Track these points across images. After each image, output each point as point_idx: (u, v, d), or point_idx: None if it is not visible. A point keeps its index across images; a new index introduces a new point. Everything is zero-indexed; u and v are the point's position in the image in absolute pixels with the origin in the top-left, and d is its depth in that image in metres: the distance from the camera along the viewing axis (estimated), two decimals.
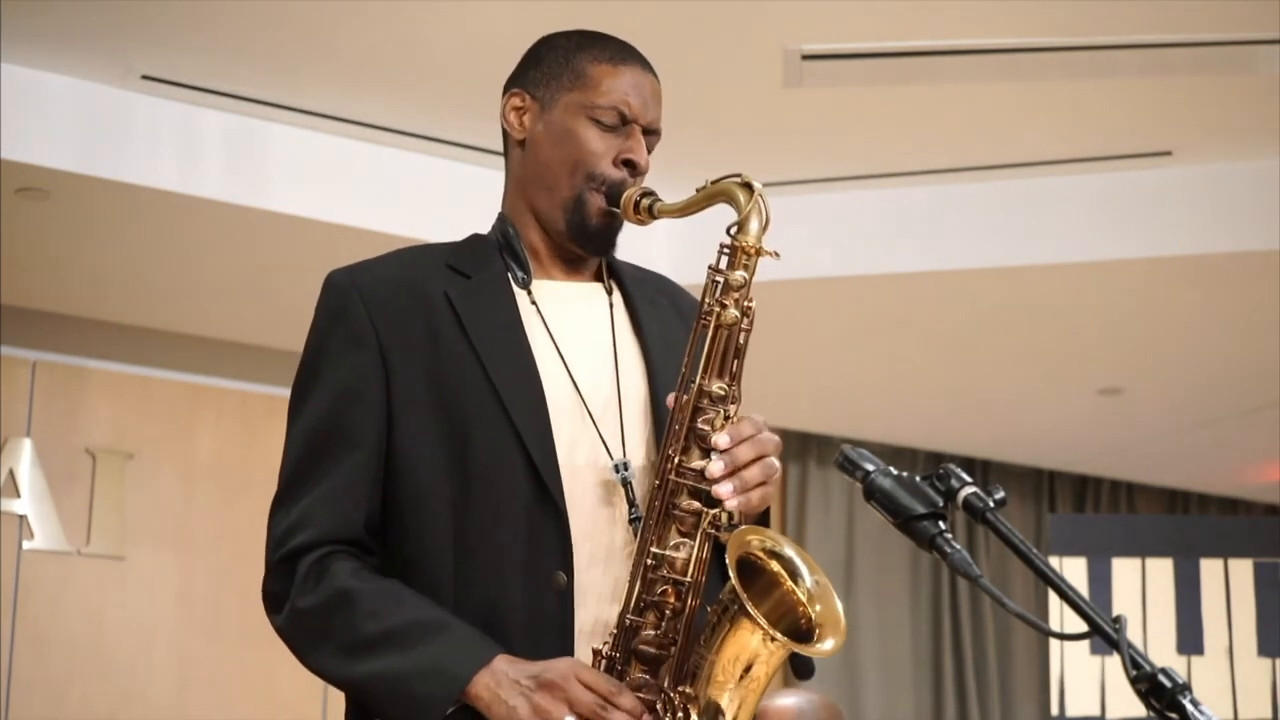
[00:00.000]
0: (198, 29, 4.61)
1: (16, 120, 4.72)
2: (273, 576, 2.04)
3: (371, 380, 2.04)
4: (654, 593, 1.95)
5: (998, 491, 1.86)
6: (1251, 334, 6.00)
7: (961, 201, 5.61)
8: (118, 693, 5.78)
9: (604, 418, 2.07)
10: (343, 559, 2.01)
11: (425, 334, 2.05)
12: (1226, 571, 4.54)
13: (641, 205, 2.08)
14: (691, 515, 1.96)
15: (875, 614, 7.54)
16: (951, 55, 4.73)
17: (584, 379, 2.08)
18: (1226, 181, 5.41)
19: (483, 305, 2.08)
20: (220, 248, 5.41)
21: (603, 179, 2.10)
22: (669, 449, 1.98)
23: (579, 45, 2.18)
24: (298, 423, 2.09)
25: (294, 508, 2.04)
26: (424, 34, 4.67)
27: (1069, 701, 4.45)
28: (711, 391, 1.98)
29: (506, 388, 2.02)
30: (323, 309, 2.11)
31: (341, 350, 2.06)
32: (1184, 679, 1.69)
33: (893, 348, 6.31)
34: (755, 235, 2.00)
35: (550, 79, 2.16)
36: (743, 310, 2.00)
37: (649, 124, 2.15)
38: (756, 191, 2.01)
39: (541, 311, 2.11)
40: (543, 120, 2.14)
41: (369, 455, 2.03)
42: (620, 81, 2.13)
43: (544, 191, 2.13)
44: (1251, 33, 4.62)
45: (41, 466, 5.81)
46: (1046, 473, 8.03)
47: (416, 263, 2.15)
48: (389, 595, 1.98)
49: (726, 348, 1.99)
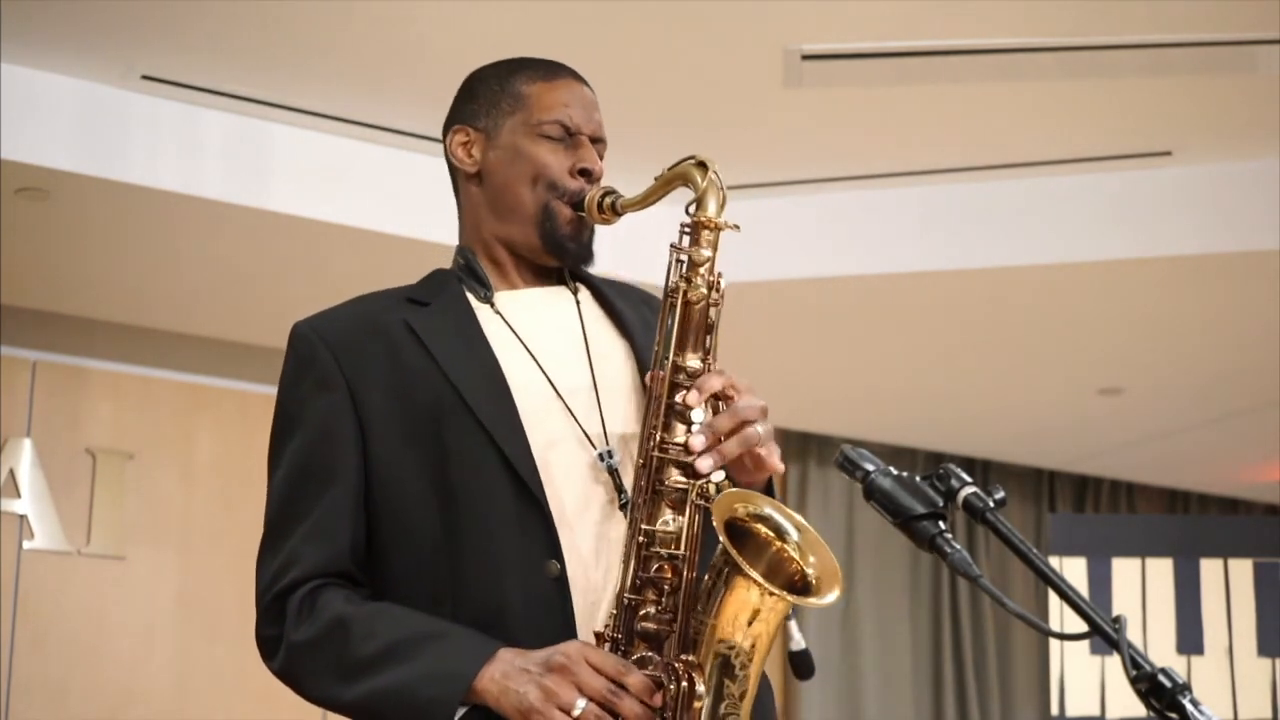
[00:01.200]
0: (198, 29, 4.61)
1: (16, 120, 4.72)
2: (265, 620, 2.06)
3: (342, 418, 2.06)
4: (650, 570, 1.95)
5: (998, 491, 1.86)
6: (1251, 334, 6.00)
7: (961, 201, 5.61)
8: (118, 693, 5.78)
9: (581, 406, 2.08)
10: (332, 590, 2.02)
11: (388, 362, 2.08)
12: (1226, 571, 4.54)
13: (605, 204, 2.10)
14: (679, 489, 1.97)
15: (875, 614, 7.54)
16: (951, 55, 4.73)
17: (556, 370, 2.09)
18: (1226, 181, 5.41)
19: (442, 323, 2.11)
20: (220, 248, 5.40)
21: (563, 189, 2.13)
22: (649, 426, 1.99)
23: (510, 70, 2.22)
24: (277, 472, 2.10)
25: (280, 552, 2.05)
26: (424, 34, 4.67)
27: (1069, 701, 4.45)
28: (687, 366, 1.99)
29: (470, 389, 2.04)
30: (290, 360, 2.15)
31: (312, 396, 2.09)
32: (1184, 679, 1.69)
33: (893, 348, 6.32)
34: (714, 210, 2.01)
35: (490, 108, 2.20)
36: (710, 285, 2.00)
37: (593, 133, 2.18)
38: (711, 169, 2.02)
39: (505, 317, 2.13)
40: (492, 148, 2.19)
41: (348, 488, 2.05)
42: (557, 95, 2.17)
43: (509, 214, 2.16)
44: (1251, 33, 4.62)
45: (41, 466, 5.81)
46: (1046, 473, 8.03)
47: (376, 302, 2.17)
48: (383, 614, 1.99)
49: (698, 323, 2.00)
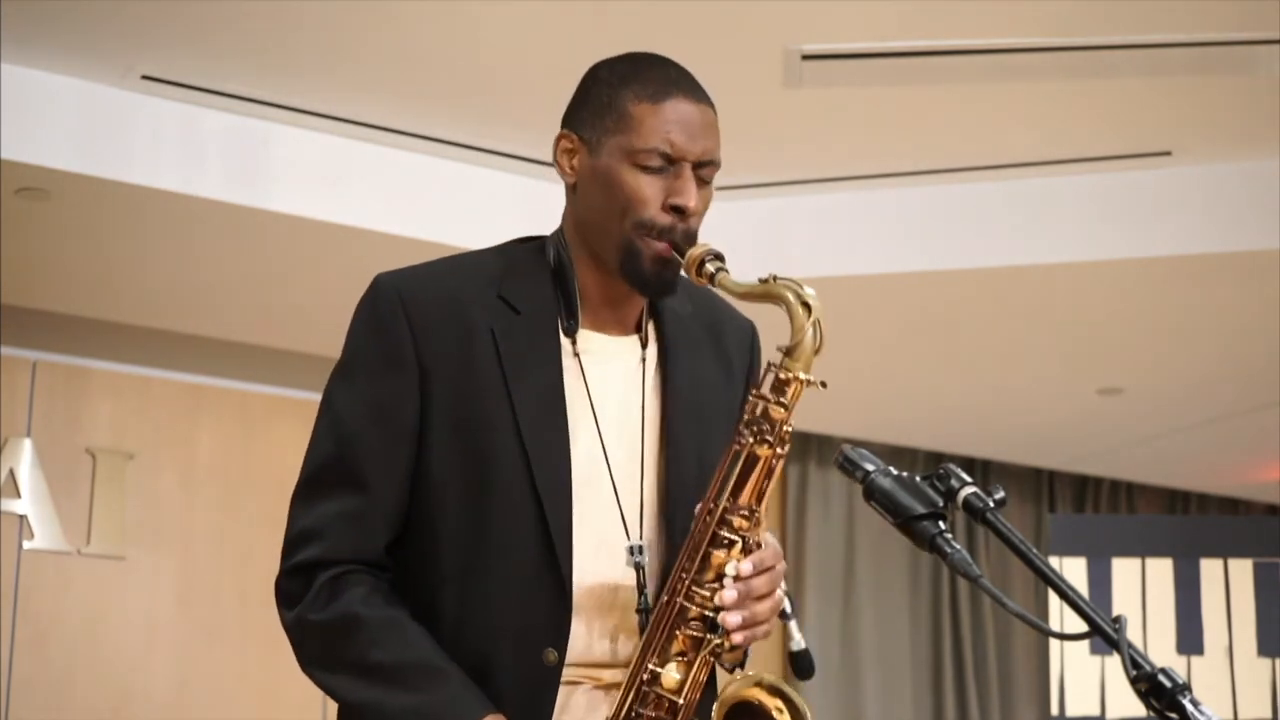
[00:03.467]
0: (198, 29, 4.61)
1: (16, 120, 4.72)
2: (288, 578, 2.04)
3: (405, 406, 2.02)
4: (645, 705, 1.94)
5: (998, 491, 1.86)
6: (1251, 334, 6.00)
7: (961, 201, 5.61)
8: (118, 693, 5.78)
9: (626, 494, 2.05)
10: (357, 582, 2.01)
11: (465, 366, 2.02)
12: (1226, 571, 4.54)
13: (705, 270, 2.01)
14: (694, 637, 1.95)
15: (875, 614, 7.54)
16: (951, 55, 4.73)
17: (614, 451, 2.05)
18: (1226, 182, 5.41)
19: (526, 351, 2.04)
20: (220, 248, 5.40)
21: (651, 225, 2.03)
22: (681, 566, 1.96)
23: (622, 80, 2.08)
24: (329, 416, 2.06)
25: (316, 510, 2.03)
26: (424, 35, 4.67)
27: (1069, 701, 4.45)
28: (733, 520, 1.95)
29: (536, 449, 2.00)
30: (367, 315, 2.07)
31: (381, 366, 2.04)
32: (1184, 679, 1.69)
33: (893, 348, 6.32)
34: (805, 364, 1.95)
35: (596, 120, 2.08)
36: (779, 439, 1.96)
37: (699, 157, 2.05)
38: (815, 313, 1.95)
39: (583, 365, 2.07)
40: (590, 164, 2.07)
41: (394, 481, 2.02)
42: (662, 120, 2.04)
43: (597, 236, 2.07)
44: (1251, 33, 4.62)
45: (41, 466, 5.81)
46: (1046, 473, 8.03)
47: (467, 283, 2.09)
48: (395, 628, 1.98)
49: (756, 474, 1.96)
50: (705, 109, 2.07)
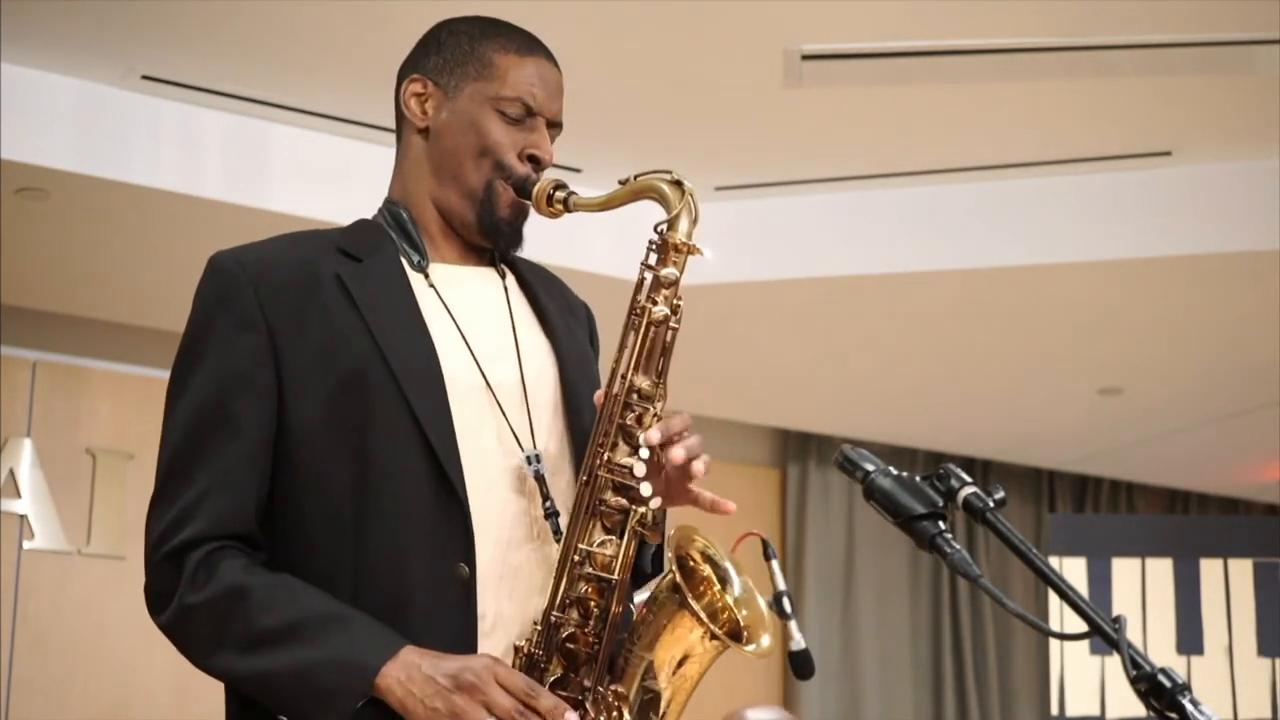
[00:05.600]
0: (198, 29, 4.61)
1: (16, 120, 4.72)
2: (156, 574, 1.97)
3: (260, 363, 1.97)
4: (578, 590, 1.92)
5: (998, 491, 1.86)
6: (1251, 334, 6.00)
7: (961, 201, 5.61)
8: (118, 693, 5.78)
9: (511, 405, 2.02)
10: (231, 555, 1.93)
11: (317, 315, 1.99)
12: (1226, 571, 4.53)
13: (555, 198, 2.04)
14: (618, 512, 1.94)
15: (875, 614, 7.54)
16: (951, 55, 4.73)
17: (488, 364, 2.03)
18: (1226, 182, 5.41)
19: (376, 286, 2.03)
20: (220, 248, 5.38)
21: (509, 171, 2.07)
22: (597, 444, 1.95)
23: (483, 33, 2.13)
24: (178, 407, 2.01)
25: (177, 500, 1.97)
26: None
27: (1069, 701, 4.44)
28: (641, 388, 1.96)
29: (404, 370, 1.96)
30: (207, 292, 2.05)
31: (227, 334, 1.99)
32: (1184, 679, 1.69)
33: (893, 347, 6.31)
34: (685, 232, 1.98)
35: (454, 66, 2.12)
36: (672, 308, 1.98)
37: (552, 116, 2.11)
38: (687, 190, 1.99)
39: (440, 293, 2.06)
40: (447, 108, 2.11)
41: (256, 444, 1.96)
42: (526, 73, 2.10)
43: (449, 182, 2.09)
44: (1251, 33, 4.62)
45: (41, 466, 5.81)
46: (1046, 473, 8.03)
47: (305, 245, 2.10)
48: (283, 588, 1.91)
49: (654, 345, 1.97)
50: (559, 74, 2.14)
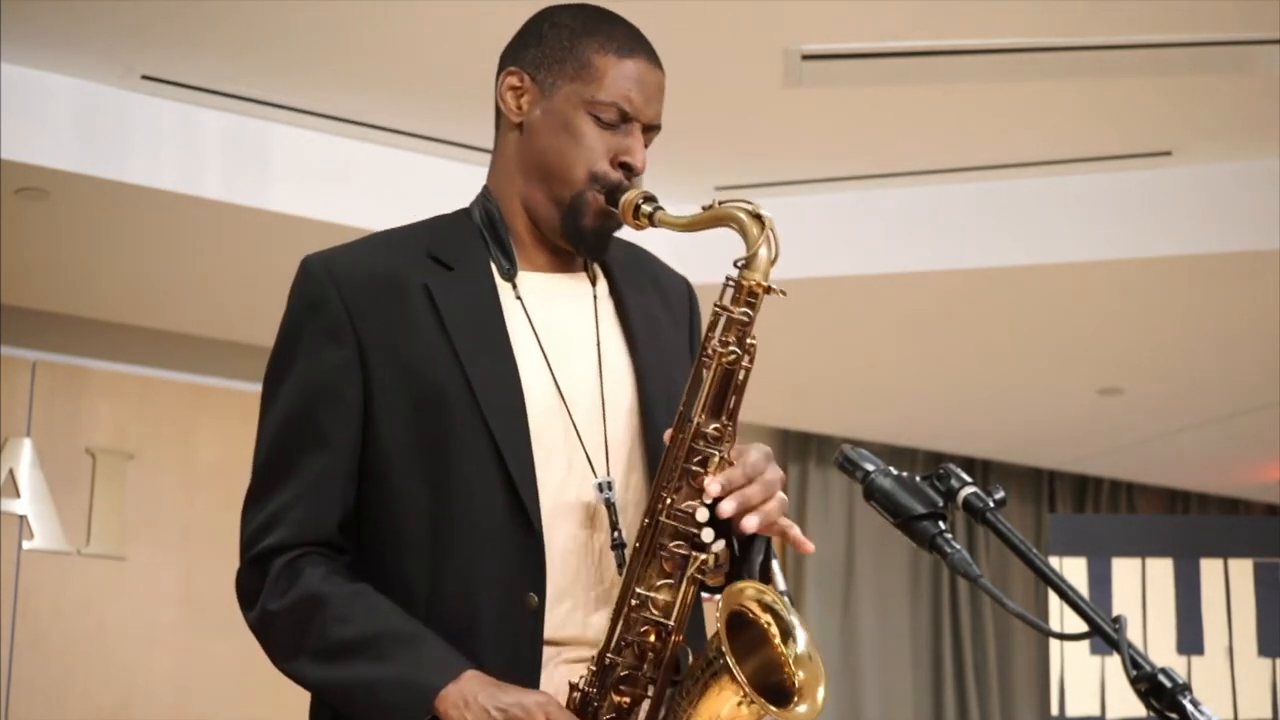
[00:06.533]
0: (198, 29, 4.61)
1: (16, 120, 4.72)
2: (244, 575, 2.04)
3: (347, 379, 1.99)
4: (635, 632, 1.91)
5: (998, 491, 1.86)
6: (1251, 334, 6.00)
7: (961, 201, 5.61)
8: (118, 693, 5.78)
9: (588, 429, 2.02)
10: (314, 562, 1.98)
11: (404, 329, 1.99)
12: (1226, 571, 4.53)
13: (642, 211, 2.00)
14: (679, 557, 1.91)
15: (875, 614, 7.54)
16: (951, 55, 4.73)
17: (569, 386, 2.02)
18: (1226, 181, 5.41)
19: (464, 301, 2.02)
20: (220, 248, 5.40)
21: (601, 178, 2.02)
22: (661, 488, 1.93)
23: (585, 29, 2.08)
24: (270, 413, 2.04)
25: (267, 505, 2.02)
26: (423, 34, 4.67)
27: (1069, 701, 4.44)
28: (707, 432, 1.92)
29: (487, 396, 1.96)
30: (298, 296, 2.05)
31: (317, 344, 2.00)
32: (1184, 679, 1.69)
33: (893, 348, 6.31)
34: (763, 272, 1.93)
35: (552, 63, 2.06)
36: (745, 348, 1.93)
37: (650, 120, 2.06)
38: (767, 225, 1.94)
39: (526, 307, 2.04)
40: (541, 106, 2.06)
41: (342, 457, 1.99)
42: (625, 76, 2.04)
43: (539, 183, 2.06)
44: (1251, 33, 4.62)
45: (41, 466, 5.81)
46: (1046, 473, 8.03)
47: (396, 250, 2.08)
48: (360, 600, 1.95)
49: (726, 386, 1.93)
50: (660, 75, 2.09)
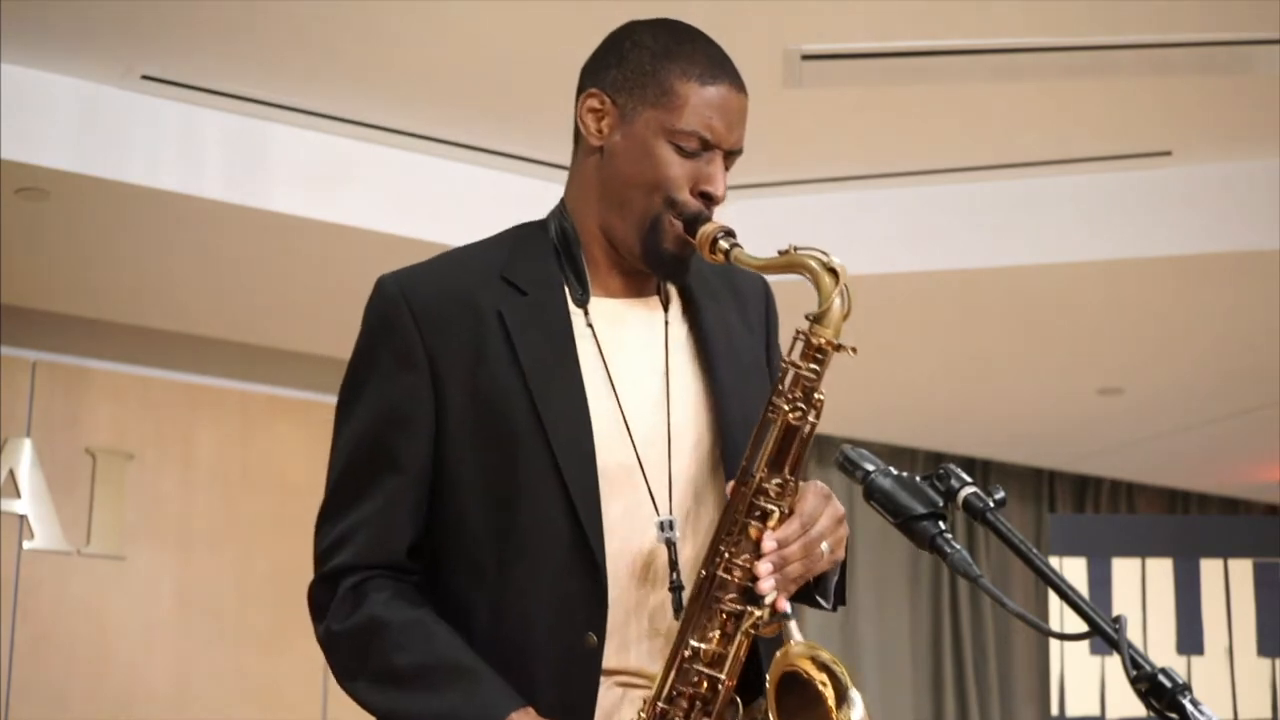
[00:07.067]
0: (198, 29, 4.61)
1: (16, 120, 4.72)
2: (314, 590, 2.04)
3: (420, 403, 1.98)
4: (687, 682, 1.90)
5: (998, 491, 1.86)
6: (1251, 334, 6.00)
7: (961, 201, 5.61)
8: (118, 693, 5.78)
9: (653, 463, 2.01)
10: (380, 585, 1.98)
11: (477, 356, 1.99)
12: (1226, 571, 4.53)
13: (719, 246, 1.98)
14: (734, 612, 1.91)
15: (875, 614, 7.54)
16: (951, 55, 4.73)
17: (637, 421, 2.01)
18: (1226, 181, 5.41)
19: (537, 330, 2.00)
20: (220, 248, 5.40)
21: (680, 207, 2.00)
22: (720, 541, 1.92)
23: (667, 52, 2.05)
24: (344, 432, 2.04)
25: (339, 523, 2.01)
26: (424, 34, 4.67)
27: (1069, 701, 4.44)
28: (768, 488, 1.92)
29: (557, 434, 1.96)
30: (372, 316, 2.04)
31: (390, 367, 2.00)
32: (1184, 679, 1.69)
33: (892, 348, 6.31)
34: (835, 328, 1.94)
35: (633, 86, 2.03)
36: (811, 405, 1.94)
37: (732, 146, 2.03)
38: (841, 279, 1.94)
39: (598, 336, 2.03)
40: (621, 131, 2.03)
41: (413, 481, 1.99)
42: (707, 104, 2.01)
43: (618, 208, 2.03)
44: (1251, 33, 4.62)
45: (41, 466, 5.81)
46: (1046, 473, 8.03)
47: (470, 271, 2.05)
48: (419, 629, 1.95)
49: (789, 442, 1.93)
50: (744, 98, 2.06)
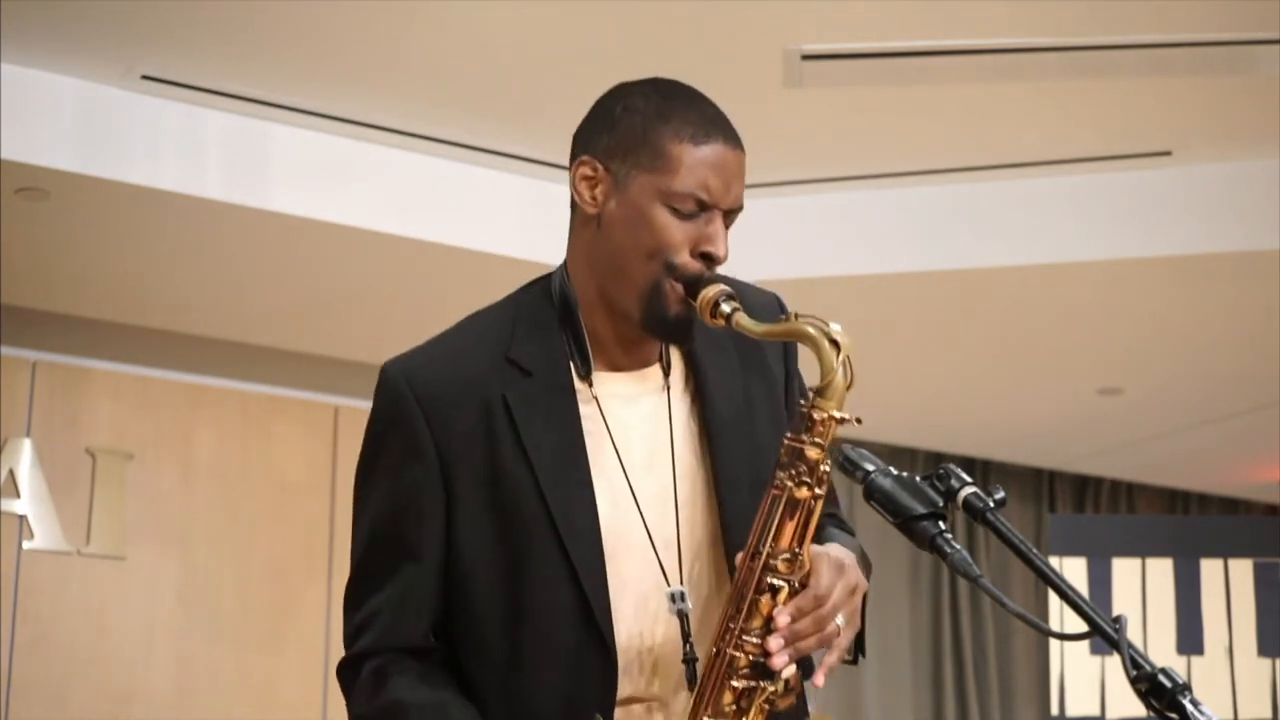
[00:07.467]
0: (198, 29, 4.61)
1: (16, 120, 4.72)
2: (342, 672, 2.05)
3: (429, 494, 1.99)
4: None
5: (998, 491, 1.86)
6: (1251, 334, 6.00)
7: (961, 201, 5.61)
8: (118, 693, 5.78)
9: (662, 536, 2.01)
10: (402, 668, 2.00)
11: (483, 444, 1.99)
12: (1226, 571, 4.53)
13: (720, 310, 1.94)
14: (747, 688, 1.90)
15: (875, 614, 7.51)
16: (951, 55, 4.73)
17: (645, 497, 2.01)
18: (1226, 182, 5.41)
19: (542, 414, 2.00)
20: (220, 248, 5.40)
21: (680, 271, 1.96)
22: (729, 618, 1.91)
23: (659, 114, 1.99)
24: (361, 520, 2.06)
25: (361, 608, 2.03)
26: (424, 34, 4.67)
27: (1069, 701, 4.44)
28: (776, 564, 1.90)
29: (564, 520, 1.96)
30: (379, 409, 2.04)
31: (399, 458, 2.01)
32: (1184, 679, 1.69)
33: (893, 348, 6.31)
34: (838, 402, 1.91)
35: (626, 152, 1.99)
36: (816, 479, 1.92)
37: (730, 205, 1.99)
38: (844, 350, 1.90)
39: (604, 413, 2.02)
40: (616, 198, 1.99)
41: (429, 567, 2.00)
42: (701, 164, 1.96)
43: (618, 277, 2.00)
44: (1251, 33, 4.62)
45: (41, 466, 5.81)
46: (1046, 473, 8.04)
47: (474, 355, 2.03)
48: (438, 711, 1.96)
49: (795, 516, 1.91)
50: (740, 155, 2.01)
